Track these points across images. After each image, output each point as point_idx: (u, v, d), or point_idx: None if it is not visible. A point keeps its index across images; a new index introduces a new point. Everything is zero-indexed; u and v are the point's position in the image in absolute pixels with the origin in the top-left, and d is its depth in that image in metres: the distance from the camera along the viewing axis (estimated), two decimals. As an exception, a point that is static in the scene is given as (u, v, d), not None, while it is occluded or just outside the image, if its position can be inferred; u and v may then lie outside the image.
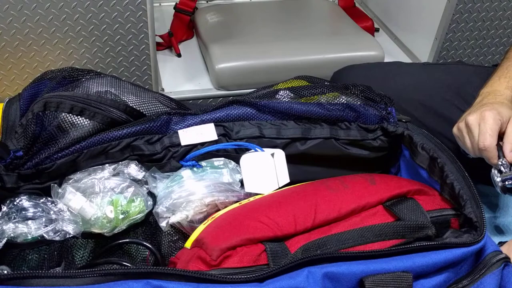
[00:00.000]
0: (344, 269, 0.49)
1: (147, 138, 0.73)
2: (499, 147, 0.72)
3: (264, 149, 0.73)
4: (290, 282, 0.47)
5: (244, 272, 0.51)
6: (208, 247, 0.56)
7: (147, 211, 0.70)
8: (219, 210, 0.69)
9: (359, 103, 0.77)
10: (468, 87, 0.92)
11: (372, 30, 1.48)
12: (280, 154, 0.73)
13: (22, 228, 0.64)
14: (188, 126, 0.74)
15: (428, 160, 0.68)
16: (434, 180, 0.67)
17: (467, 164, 0.66)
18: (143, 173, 0.71)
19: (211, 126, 0.74)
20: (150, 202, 0.70)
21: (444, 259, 0.52)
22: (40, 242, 0.66)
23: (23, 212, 0.65)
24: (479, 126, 0.73)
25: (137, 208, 0.69)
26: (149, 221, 0.71)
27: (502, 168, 0.71)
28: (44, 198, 0.67)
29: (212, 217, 0.64)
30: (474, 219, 0.57)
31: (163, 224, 0.70)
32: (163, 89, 1.20)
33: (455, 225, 0.61)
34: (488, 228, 0.57)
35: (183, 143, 0.73)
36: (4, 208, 0.65)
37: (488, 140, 0.71)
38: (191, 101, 1.20)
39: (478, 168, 0.74)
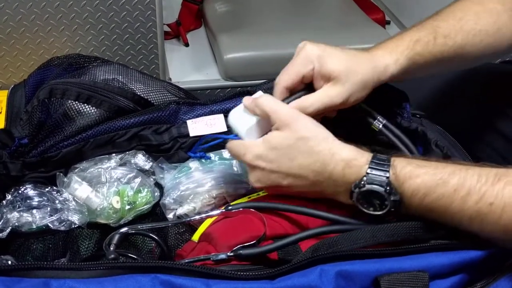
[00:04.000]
0: (358, 268, 0.47)
1: (155, 127, 0.71)
2: None
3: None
4: (303, 280, 0.46)
5: (254, 269, 0.50)
6: (217, 243, 0.54)
7: (154, 202, 0.69)
8: (227, 202, 0.68)
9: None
10: (471, 83, 0.90)
11: (383, 23, 1.46)
12: None
13: (26, 217, 0.63)
14: (197, 116, 0.72)
15: (442, 158, 0.66)
16: (449, 178, 0.65)
17: None
18: (151, 163, 0.70)
19: (220, 117, 0.72)
20: (157, 193, 0.69)
21: (460, 260, 0.50)
22: (45, 231, 0.65)
23: (28, 201, 0.64)
24: None
25: (144, 199, 0.67)
26: (156, 213, 0.70)
27: None
28: (49, 187, 0.66)
29: (221, 210, 0.62)
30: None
31: (170, 215, 0.68)
32: (170, 79, 1.19)
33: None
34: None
35: (191, 134, 0.72)
36: (9, 197, 0.64)
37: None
38: (198, 91, 1.18)
39: None
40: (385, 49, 0.64)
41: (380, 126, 0.67)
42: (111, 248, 0.54)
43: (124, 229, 0.56)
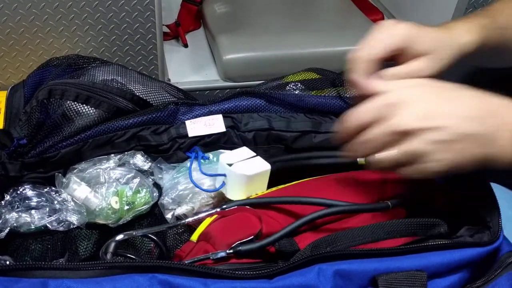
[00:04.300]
0: (356, 267, 0.47)
1: (154, 128, 0.71)
2: None
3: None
4: (301, 279, 0.46)
5: (253, 268, 0.50)
6: (215, 242, 0.54)
7: (152, 202, 0.69)
8: (227, 199, 0.67)
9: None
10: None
11: (382, 24, 1.46)
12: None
13: (25, 217, 0.63)
14: (195, 117, 0.72)
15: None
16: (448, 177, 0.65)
17: None
18: (149, 163, 0.70)
19: (219, 118, 0.72)
20: (155, 194, 0.69)
21: (458, 259, 0.51)
22: (43, 232, 0.65)
23: (27, 201, 0.64)
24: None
25: (143, 199, 0.67)
26: (154, 213, 0.70)
27: None
28: (48, 188, 0.66)
29: (215, 210, 0.62)
30: (488, 219, 0.56)
31: (168, 216, 0.68)
32: (169, 80, 1.19)
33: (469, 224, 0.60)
34: (504, 227, 0.55)
35: (190, 135, 0.72)
36: (7, 197, 0.64)
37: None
38: (197, 92, 1.18)
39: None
40: (461, 29, 0.62)
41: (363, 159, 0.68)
42: (108, 257, 0.55)
43: (119, 237, 0.57)
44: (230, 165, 0.63)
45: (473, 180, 0.60)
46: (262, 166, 0.64)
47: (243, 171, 0.62)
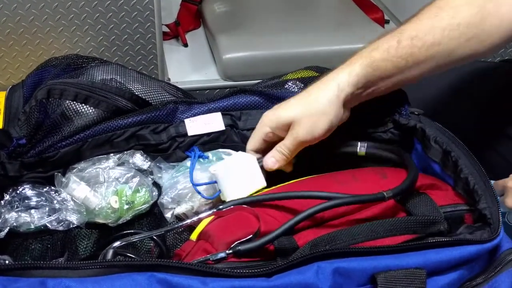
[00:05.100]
0: (355, 265, 0.47)
1: (153, 127, 0.71)
2: None
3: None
4: (299, 277, 0.46)
5: (251, 266, 0.50)
6: (214, 240, 0.54)
7: (152, 201, 0.69)
8: (225, 201, 0.67)
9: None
10: (475, 86, 0.90)
11: (382, 22, 1.46)
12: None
13: (25, 217, 0.63)
14: (194, 115, 0.72)
15: (441, 154, 0.66)
16: (447, 175, 0.65)
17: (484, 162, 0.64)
18: (149, 163, 0.70)
19: (218, 116, 0.72)
20: (155, 193, 0.69)
21: (458, 256, 0.50)
22: (43, 231, 0.65)
23: (26, 201, 0.64)
24: None
25: (142, 198, 0.67)
26: (154, 212, 0.70)
27: None
28: (47, 187, 0.66)
29: (212, 211, 0.62)
30: (488, 216, 0.56)
31: (168, 215, 0.68)
32: (169, 79, 1.19)
33: (469, 221, 0.60)
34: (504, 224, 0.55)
35: (190, 133, 0.72)
36: (7, 197, 0.64)
37: None
38: (197, 91, 1.18)
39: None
40: (342, 66, 0.65)
41: (364, 150, 0.70)
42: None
43: (116, 243, 0.57)
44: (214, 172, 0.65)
45: (473, 176, 0.60)
46: (237, 157, 0.66)
47: (218, 169, 0.64)
